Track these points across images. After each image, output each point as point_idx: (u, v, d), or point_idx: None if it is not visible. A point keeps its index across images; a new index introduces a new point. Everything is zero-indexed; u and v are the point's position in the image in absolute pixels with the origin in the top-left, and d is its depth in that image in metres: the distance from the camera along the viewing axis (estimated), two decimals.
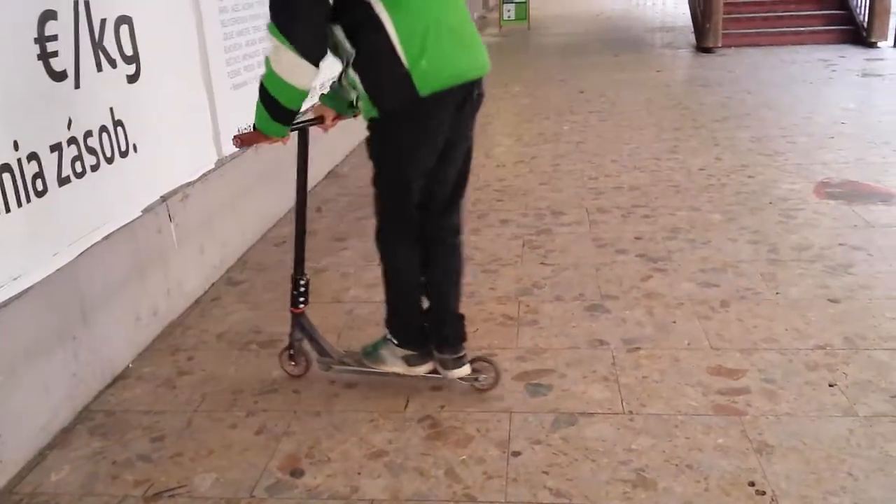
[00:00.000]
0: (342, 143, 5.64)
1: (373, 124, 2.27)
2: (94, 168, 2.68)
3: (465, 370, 2.53)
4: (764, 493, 2.07)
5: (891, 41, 9.67)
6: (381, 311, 3.16)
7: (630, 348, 2.83)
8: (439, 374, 2.55)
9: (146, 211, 3.01)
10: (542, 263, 3.63)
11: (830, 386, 2.53)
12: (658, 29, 14.22)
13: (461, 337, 2.53)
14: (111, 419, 2.57)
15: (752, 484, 2.10)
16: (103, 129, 2.73)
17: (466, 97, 2.29)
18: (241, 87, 3.85)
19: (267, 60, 2.14)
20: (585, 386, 2.59)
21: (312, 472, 2.25)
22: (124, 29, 2.87)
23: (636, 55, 10.72)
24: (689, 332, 2.93)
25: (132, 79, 2.92)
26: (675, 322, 3.01)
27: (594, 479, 2.16)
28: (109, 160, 2.76)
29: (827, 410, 2.40)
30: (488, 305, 3.21)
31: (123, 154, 2.84)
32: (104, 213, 2.75)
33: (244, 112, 3.88)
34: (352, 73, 2.18)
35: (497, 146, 5.99)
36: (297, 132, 2.47)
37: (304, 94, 2.18)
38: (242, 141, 2.38)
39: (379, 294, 3.34)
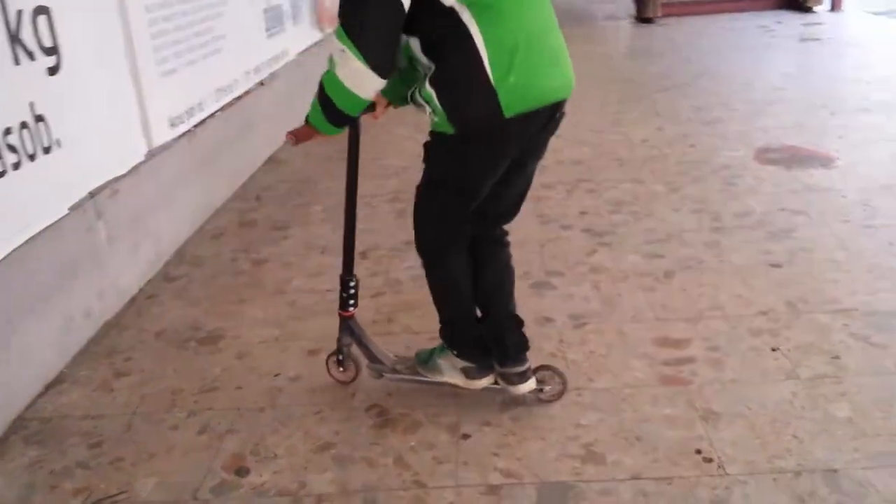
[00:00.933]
0: (280, 127, 5.51)
1: (441, 136, 2.07)
2: (16, 166, 2.55)
3: (531, 384, 2.32)
4: (711, 460, 2.08)
5: (827, 5, 9.82)
6: (325, 301, 3.12)
7: (577, 324, 2.82)
8: (499, 385, 2.35)
9: (73, 209, 2.89)
10: None
11: (773, 350, 2.55)
12: (599, 0, 14.24)
13: (523, 346, 2.33)
14: (47, 426, 2.47)
15: (699, 452, 2.12)
16: (24, 125, 2.61)
17: (550, 119, 2.09)
18: (171, 75, 3.72)
19: (330, 60, 1.94)
20: (533, 364, 2.57)
21: (258, 469, 2.19)
22: (42, 20, 2.73)
23: (577, 28, 10.70)
24: (635, 304, 2.94)
25: (53, 71, 2.79)
26: (620, 295, 3.01)
27: (543, 457, 2.15)
28: (32, 157, 2.64)
29: (770, 375, 2.43)
30: None
31: (46, 150, 2.72)
32: (29, 214, 2.63)
33: (174, 101, 3.76)
34: (428, 88, 1.99)
35: None
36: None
37: (364, 104, 2.01)
38: (298, 138, 2.20)
39: (323, 283, 3.30)
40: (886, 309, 2.73)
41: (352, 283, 2.44)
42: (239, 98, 4.57)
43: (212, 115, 4.14)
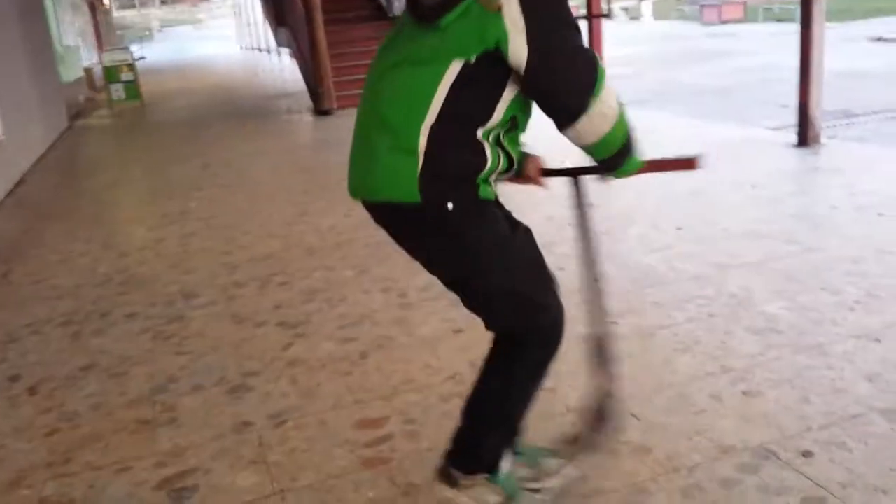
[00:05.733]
0: None
1: None
2: None
3: (442, 489, 2.01)
4: None
5: None
6: None
7: (277, 423, 2.76)
8: None
9: None
10: (177, 353, 3.41)
11: None
12: (278, 96, 14.60)
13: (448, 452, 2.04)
14: None
15: None
16: None
17: (378, 220, 1.92)
18: None
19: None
20: (233, 476, 2.45)
21: None
22: None
23: (259, 123, 10.86)
24: (334, 391, 2.95)
25: None
26: (319, 385, 3.01)
27: None
28: None
29: None
30: (119, 413, 2.92)
31: None
32: None
33: None
34: None
35: (117, 234, 5.61)
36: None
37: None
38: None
39: None
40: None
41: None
42: None
43: None
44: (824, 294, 3.33)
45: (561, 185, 2.02)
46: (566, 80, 1.69)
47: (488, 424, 1.99)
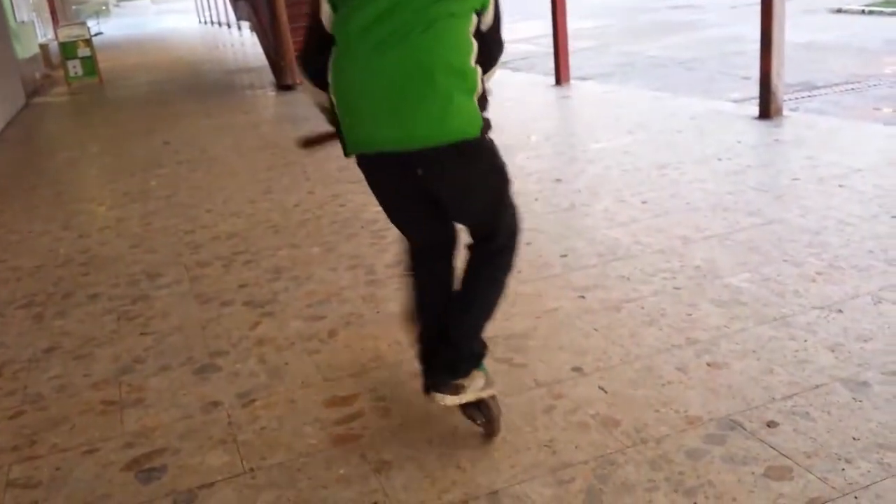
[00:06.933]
0: None
1: None
2: None
3: (454, 399, 2.28)
4: None
5: None
6: None
7: (245, 402, 2.74)
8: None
9: None
10: (142, 334, 3.37)
11: None
12: (239, 71, 14.37)
13: (451, 370, 2.29)
14: None
15: None
16: None
17: (409, 168, 2.11)
18: None
19: None
20: (202, 456, 2.44)
21: None
22: None
23: (221, 99, 10.68)
24: (303, 370, 2.93)
25: None
26: (287, 364, 2.99)
27: None
28: None
29: (433, 412, 2.55)
30: (84, 395, 2.89)
31: None
32: None
33: None
34: None
35: (77, 213, 5.49)
36: None
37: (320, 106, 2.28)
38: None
39: None
40: (520, 331, 3.04)
41: None
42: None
43: None
44: (787, 265, 3.39)
45: None
46: (501, 28, 2.16)
47: (483, 324, 2.36)
